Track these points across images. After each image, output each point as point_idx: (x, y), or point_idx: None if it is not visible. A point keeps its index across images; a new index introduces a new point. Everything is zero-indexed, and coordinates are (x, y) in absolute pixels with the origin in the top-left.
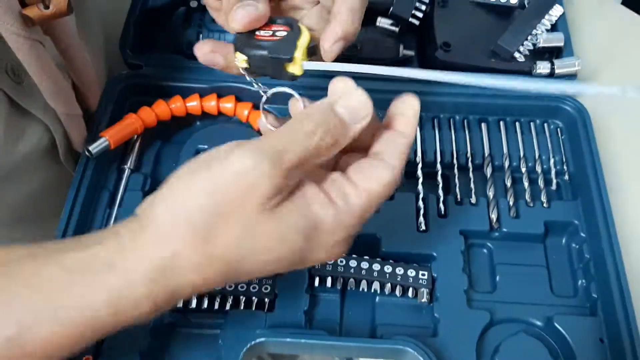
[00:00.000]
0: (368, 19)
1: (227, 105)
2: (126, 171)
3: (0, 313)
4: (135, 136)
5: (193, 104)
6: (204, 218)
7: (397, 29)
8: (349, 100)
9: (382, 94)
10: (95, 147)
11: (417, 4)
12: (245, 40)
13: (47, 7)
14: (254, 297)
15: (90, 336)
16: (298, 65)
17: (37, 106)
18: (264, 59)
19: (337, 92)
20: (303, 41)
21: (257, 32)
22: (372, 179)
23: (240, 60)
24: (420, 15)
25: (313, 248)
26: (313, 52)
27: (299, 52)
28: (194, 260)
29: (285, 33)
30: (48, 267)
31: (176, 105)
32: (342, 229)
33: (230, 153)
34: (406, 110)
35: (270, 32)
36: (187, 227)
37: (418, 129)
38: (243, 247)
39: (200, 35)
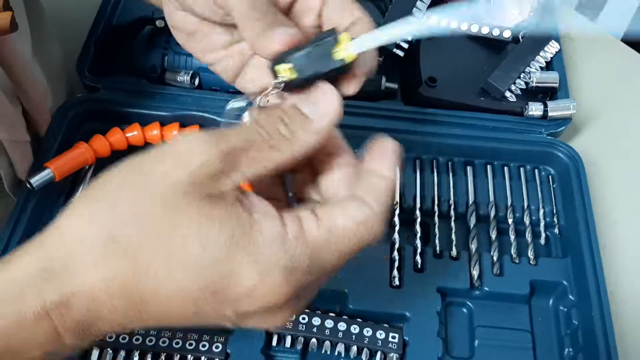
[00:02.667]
0: None
1: None
2: None
3: None
4: (87, 167)
5: (153, 133)
6: (116, 194)
7: (380, 59)
8: (310, 94)
9: (364, 131)
10: (37, 179)
11: None
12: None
13: None
14: (202, 357)
15: None
16: (345, 47)
17: None
18: (309, 55)
19: None
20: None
21: None
22: (338, 213)
23: (284, 70)
24: (405, 46)
25: (244, 267)
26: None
27: (343, 35)
28: (90, 249)
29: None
30: None
31: (133, 135)
32: (289, 258)
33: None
34: (384, 150)
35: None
36: (91, 204)
37: (398, 169)
38: (154, 234)
39: (165, 58)
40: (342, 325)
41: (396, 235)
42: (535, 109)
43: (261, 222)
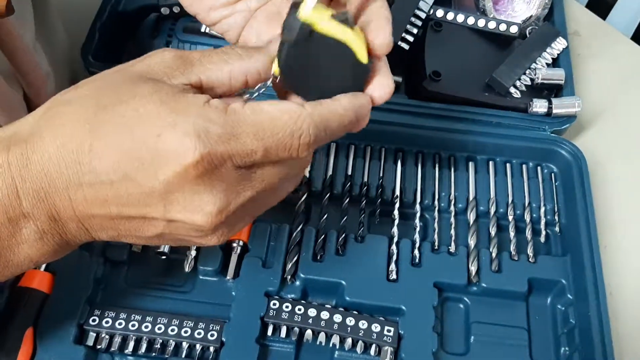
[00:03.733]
0: None
1: None
2: None
3: None
4: None
5: None
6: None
7: None
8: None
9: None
10: None
11: (409, 27)
12: None
13: None
14: (198, 344)
15: None
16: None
17: None
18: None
19: None
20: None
21: None
22: (268, 103)
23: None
24: (410, 39)
25: (163, 119)
26: None
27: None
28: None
29: None
30: None
31: None
32: (203, 116)
33: None
34: None
35: None
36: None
37: (399, 163)
38: (100, 93)
39: (170, 45)
40: (337, 317)
41: (395, 229)
42: (539, 105)
43: (190, 91)
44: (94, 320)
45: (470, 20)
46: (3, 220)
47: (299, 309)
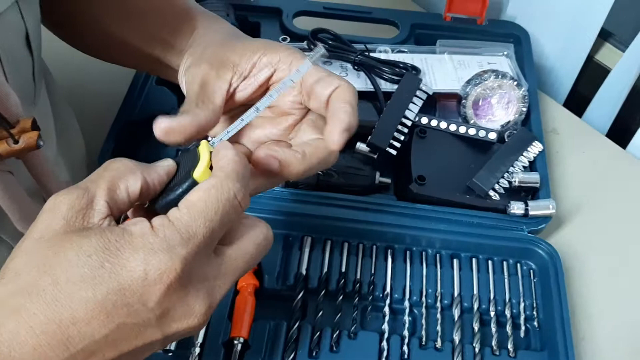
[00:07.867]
0: (346, 143)
1: None
2: None
3: None
4: None
5: None
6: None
7: (375, 156)
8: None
9: (358, 224)
10: None
11: (396, 134)
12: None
13: (16, 142)
14: None
15: None
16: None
17: (7, 230)
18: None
19: None
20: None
21: None
22: (191, 193)
23: None
24: (398, 145)
25: (129, 261)
26: None
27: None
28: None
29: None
30: None
31: None
32: (162, 239)
33: None
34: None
35: None
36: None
37: (390, 260)
38: (51, 268)
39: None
40: None
41: (386, 325)
42: (517, 207)
43: (131, 226)
44: None
45: (452, 127)
46: None
47: None
